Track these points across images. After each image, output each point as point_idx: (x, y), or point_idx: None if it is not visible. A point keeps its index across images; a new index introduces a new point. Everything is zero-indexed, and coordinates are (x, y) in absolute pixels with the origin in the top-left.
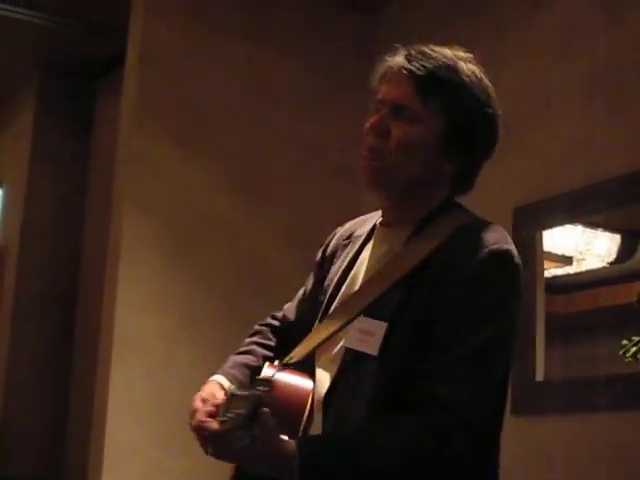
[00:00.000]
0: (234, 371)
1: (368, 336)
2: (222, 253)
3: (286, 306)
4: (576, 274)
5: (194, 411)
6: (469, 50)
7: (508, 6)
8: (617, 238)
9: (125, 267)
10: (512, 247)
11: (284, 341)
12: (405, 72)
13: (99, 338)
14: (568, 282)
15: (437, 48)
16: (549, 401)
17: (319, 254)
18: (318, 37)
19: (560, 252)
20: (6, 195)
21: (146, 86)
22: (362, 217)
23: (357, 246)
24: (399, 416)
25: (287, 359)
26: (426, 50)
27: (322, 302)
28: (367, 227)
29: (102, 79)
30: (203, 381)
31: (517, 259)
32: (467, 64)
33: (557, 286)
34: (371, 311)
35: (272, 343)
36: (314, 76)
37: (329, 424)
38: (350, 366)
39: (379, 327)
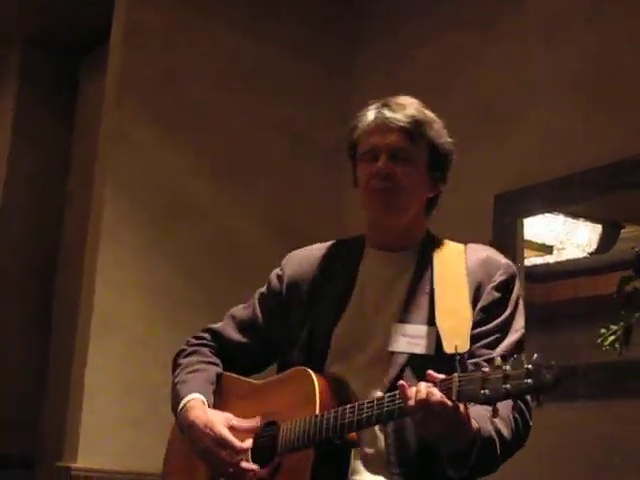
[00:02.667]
0: (204, 388)
1: (416, 339)
2: (202, 237)
3: (217, 326)
4: (556, 263)
5: (222, 440)
6: (453, 39)
7: None
8: (598, 228)
9: (105, 248)
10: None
11: (228, 360)
12: (394, 122)
13: (78, 319)
14: (548, 271)
15: (402, 99)
16: None
17: (274, 282)
18: (303, 22)
19: (541, 241)
20: None
21: (130, 66)
22: (320, 244)
23: (349, 267)
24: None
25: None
26: (400, 101)
27: (318, 316)
28: (347, 251)
29: (87, 56)
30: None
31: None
32: (425, 108)
33: (537, 275)
34: (407, 318)
35: (216, 361)
36: (298, 61)
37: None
38: (404, 368)
39: (428, 331)
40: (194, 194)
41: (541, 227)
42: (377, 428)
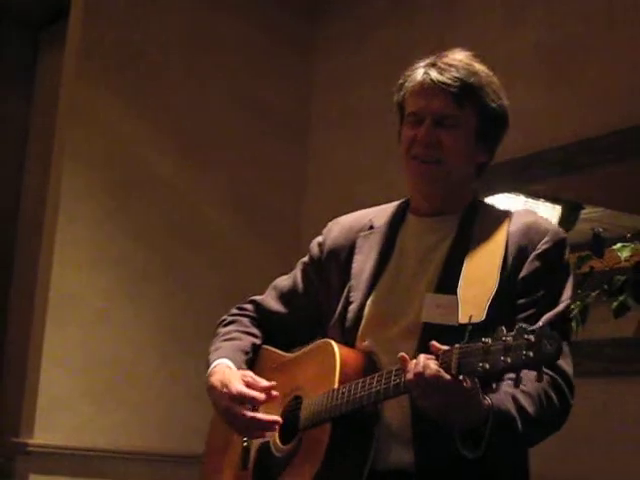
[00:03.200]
0: (235, 354)
1: (445, 310)
2: (162, 211)
3: (259, 298)
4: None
5: (239, 395)
6: (413, 18)
7: None
8: (558, 209)
9: (63, 222)
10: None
11: (269, 332)
12: (441, 85)
13: (35, 293)
14: None
15: (453, 57)
16: None
17: (314, 250)
18: None
19: None
20: None
21: (90, 38)
22: (363, 211)
23: (387, 234)
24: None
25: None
26: (449, 61)
27: (353, 288)
28: (387, 218)
29: (47, 29)
30: (138, 337)
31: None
32: (479, 65)
33: None
34: (443, 288)
35: (254, 332)
36: (262, 36)
37: None
38: (431, 338)
39: (454, 301)
40: (154, 167)
41: (502, 207)
42: (397, 402)
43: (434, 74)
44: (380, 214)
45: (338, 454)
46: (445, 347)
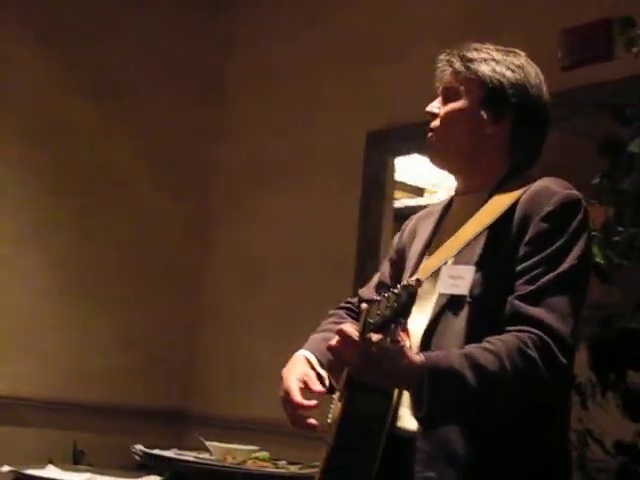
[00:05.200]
0: (320, 346)
1: (458, 280)
2: (74, 160)
3: (361, 290)
4: (427, 206)
5: (287, 391)
6: None
7: None
8: None
9: None
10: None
11: None
12: (446, 62)
13: None
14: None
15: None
16: None
17: (395, 240)
18: None
19: (413, 183)
20: None
21: None
22: (441, 200)
23: (436, 216)
24: (503, 335)
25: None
26: (462, 45)
27: (406, 270)
28: (444, 202)
29: None
30: (42, 286)
31: (584, 204)
32: (495, 50)
33: (407, 216)
34: (459, 259)
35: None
36: None
37: None
38: (444, 309)
39: (467, 271)
40: (67, 115)
41: (413, 170)
42: None
43: (443, 55)
44: (443, 200)
45: (352, 420)
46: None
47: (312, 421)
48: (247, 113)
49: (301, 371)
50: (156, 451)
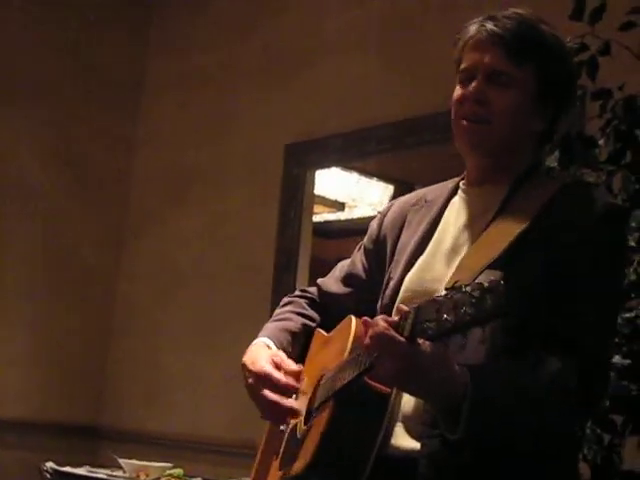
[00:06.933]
0: (278, 334)
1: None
2: None
3: (321, 280)
4: (347, 220)
5: (263, 374)
6: None
7: None
8: (390, 188)
9: None
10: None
11: (330, 314)
12: (496, 37)
13: None
14: (340, 228)
15: (514, 11)
16: None
17: (372, 229)
18: None
19: (333, 197)
20: None
21: None
22: (423, 189)
23: (436, 208)
24: (543, 355)
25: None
26: (509, 14)
27: (396, 264)
28: (441, 192)
29: None
30: None
31: (626, 216)
32: (542, 23)
33: (329, 231)
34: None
35: (310, 313)
36: None
37: None
38: None
39: (494, 276)
40: None
41: (334, 184)
42: None
43: (489, 26)
44: (437, 189)
45: (339, 434)
46: (407, 308)
47: (294, 404)
48: (164, 123)
49: (268, 353)
50: (67, 468)
